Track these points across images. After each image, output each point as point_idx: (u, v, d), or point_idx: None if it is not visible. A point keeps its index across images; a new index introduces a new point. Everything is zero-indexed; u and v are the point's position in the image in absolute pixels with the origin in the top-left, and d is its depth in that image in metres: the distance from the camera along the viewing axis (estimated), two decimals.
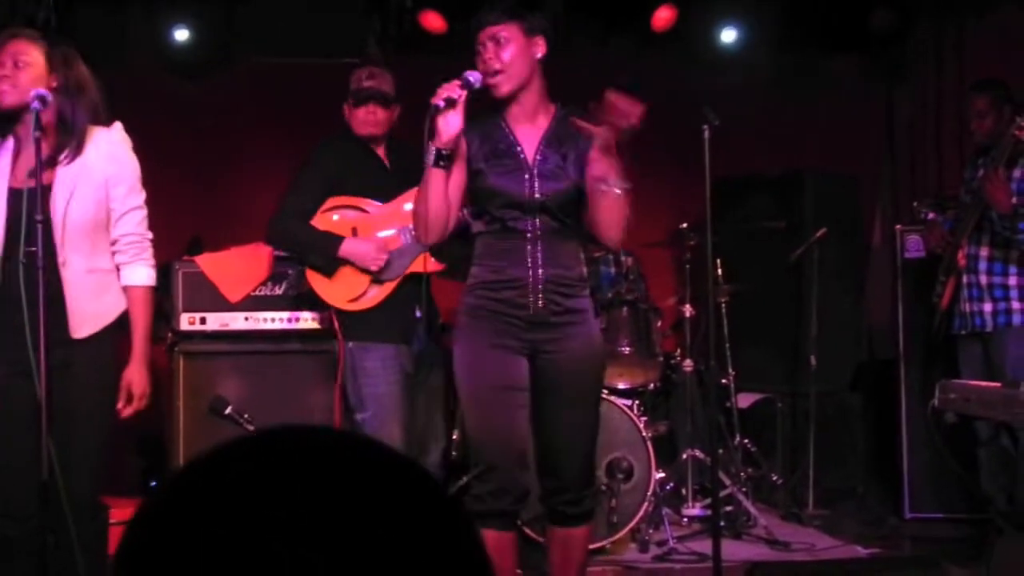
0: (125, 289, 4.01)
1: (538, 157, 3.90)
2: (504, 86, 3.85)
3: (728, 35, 7.74)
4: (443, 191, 3.83)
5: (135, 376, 3.97)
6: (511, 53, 3.83)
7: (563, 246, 3.92)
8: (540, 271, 3.86)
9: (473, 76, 3.80)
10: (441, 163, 3.80)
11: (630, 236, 7.24)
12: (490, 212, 3.92)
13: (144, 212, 4.07)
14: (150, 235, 4.10)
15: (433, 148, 3.78)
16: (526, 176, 3.88)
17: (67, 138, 3.86)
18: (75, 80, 3.89)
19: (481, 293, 3.93)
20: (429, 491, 1.44)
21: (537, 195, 3.86)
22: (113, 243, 4.00)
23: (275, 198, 5.19)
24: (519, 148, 3.92)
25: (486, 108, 3.99)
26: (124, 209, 3.99)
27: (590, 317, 4.00)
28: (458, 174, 3.92)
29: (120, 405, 3.95)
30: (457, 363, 3.98)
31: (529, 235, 3.87)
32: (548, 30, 3.94)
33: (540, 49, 3.90)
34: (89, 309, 3.90)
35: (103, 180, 3.91)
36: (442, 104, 3.71)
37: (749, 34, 7.76)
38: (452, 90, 3.73)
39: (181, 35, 7.25)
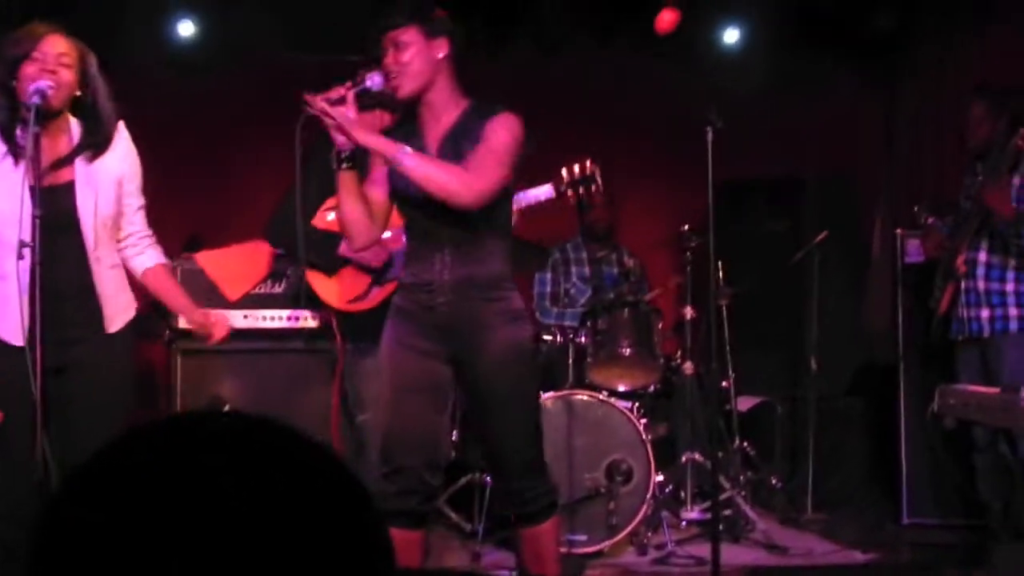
0: (145, 274, 4.08)
1: (437, 154, 3.87)
2: (403, 88, 3.84)
3: (731, 36, 7.75)
4: (355, 194, 3.85)
5: (201, 316, 4.18)
6: (409, 55, 3.82)
7: (474, 245, 3.86)
8: (447, 273, 3.85)
9: (372, 79, 3.82)
10: (344, 165, 3.81)
11: (632, 237, 7.33)
12: (404, 213, 3.96)
13: (144, 211, 4.13)
14: (152, 233, 4.16)
15: (333, 152, 3.80)
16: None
17: (96, 134, 3.87)
18: (98, 81, 3.89)
19: (402, 294, 3.98)
20: (336, 476, 1.44)
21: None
22: (123, 239, 4.03)
23: (275, 195, 5.17)
24: (424, 149, 3.89)
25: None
26: (136, 206, 4.06)
27: (507, 317, 3.91)
28: (380, 177, 3.95)
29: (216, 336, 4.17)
30: (380, 361, 4.01)
31: (436, 236, 3.87)
32: (452, 31, 3.93)
33: (442, 49, 3.87)
34: (119, 303, 3.95)
35: (118, 177, 3.94)
36: (321, 109, 3.73)
37: (751, 37, 7.77)
38: (335, 92, 3.77)
39: (186, 29, 7.24)
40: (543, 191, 4.94)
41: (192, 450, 1.41)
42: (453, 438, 5.80)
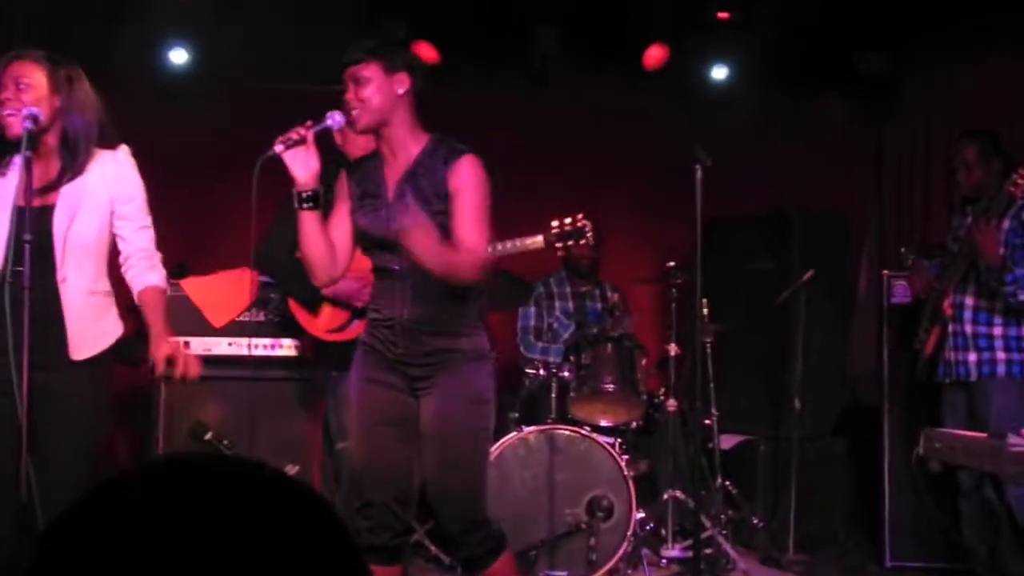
0: (139, 294, 4.00)
1: (396, 192, 3.88)
2: (360, 121, 3.84)
3: (719, 73, 7.78)
4: (318, 233, 3.85)
5: (163, 346, 3.94)
6: (369, 91, 3.82)
7: (435, 284, 3.80)
8: (406, 311, 3.85)
9: (332, 118, 3.83)
10: (305, 205, 3.80)
11: (617, 272, 7.33)
12: (366, 251, 3.98)
13: (152, 232, 4.09)
14: (159, 254, 4.12)
15: (294, 191, 3.79)
16: (382, 213, 3.88)
17: (70, 158, 3.84)
18: (78, 100, 3.88)
19: (368, 330, 3.99)
20: (317, 515, 1.44)
21: (395, 232, 3.79)
22: (125, 259, 4.00)
23: (262, 223, 5.15)
24: (383, 186, 3.91)
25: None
26: (137, 225, 4.01)
27: (465, 357, 3.89)
28: (343, 216, 3.96)
29: (163, 372, 3.94)
30: (348, 395, 4.03)
31: (398, 273, 3.87)
32: (414, 66, 3.95)
33: (402, 85, 3.85)
34: (89, 331, 3.87)
35: (107, 201, 3.91)
36: (279, 150, 3.74)
37: (740, 75, 7.81)
38: (295, 132, 3.78)
39: (178, 57, 7.24)
40: (533, 242, 4.91)
41: (173, 495, 1.39)
42: None
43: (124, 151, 3.99)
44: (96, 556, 1.36)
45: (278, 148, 3.74)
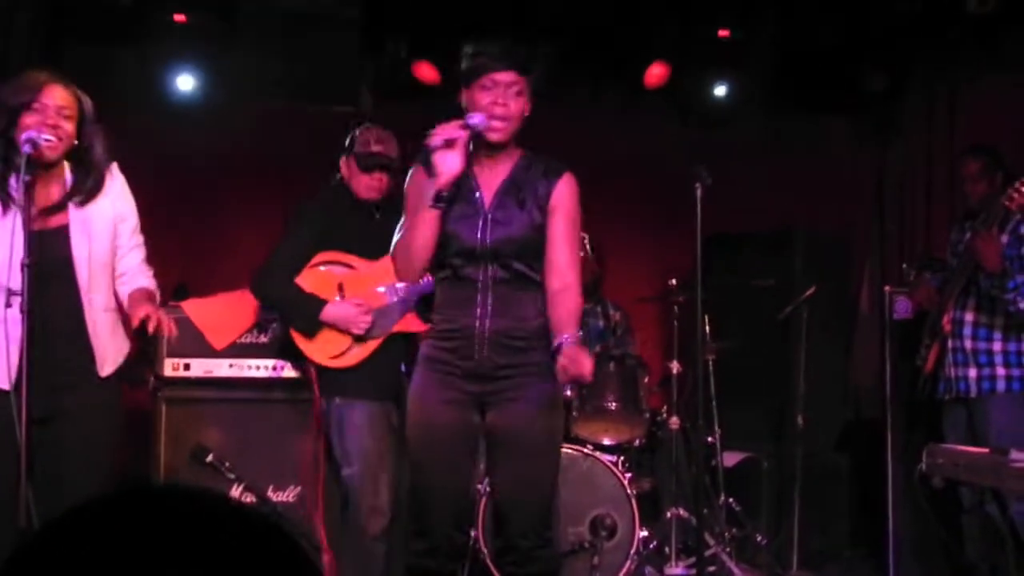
0: (128, 295, 4.01)
1: (494, 202, 3.82)
2: (502, 135, 3.76)
3: (720, 91, 7.78)
4: (434, 232, 3.75)
5: (143, 306, 3.93)
6: (518, 106, 3.76)
7: (517, 297, 3.80)
8: (488, 322, 3.76)
9: (477, 119, 3.71)
10: (440, 204, 3.71)
11: (619, 291, 7.32)
12: (446, 258, 3.84)
13: (144, 250, 4.14)
14: (151, 268, 4.16)
15: (433, 189, 3.70)
16: (480, 222, 3.79)
17: (87, 180, 3.87)
18: (95, 126, 3.91)
19: (433, 343, 3.87)
20: (279, 547, 1.43)
21: (488, 242, 3.77)
22: (119, 276, 4.03)
23: (263, 244, 5.16)
24: (478, 193, 3.84)
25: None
26: (132, 244, 4.06)
27: (544, 372, 3.80)
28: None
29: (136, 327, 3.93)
30: (408, 413, 3.91)
31: (480, 284, 3.78)
32: (537, 92, 3.88)
33: (529, 108, 3.83)
34: (110, 346, 3.93)
35: (112, 218, 3.95)
36: (439, 144, 3.65)
37: (741, 92, 7.80)
38: (452, 131, 3.66)
39: (185, 83, 7.24)
40: None
41: (141, 528, 1.39)
42: None
43: (116, 168, 4.01)
44: None
45: (436, 141, 3.66)
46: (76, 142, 3.83)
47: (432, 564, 3.80)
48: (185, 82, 7.25)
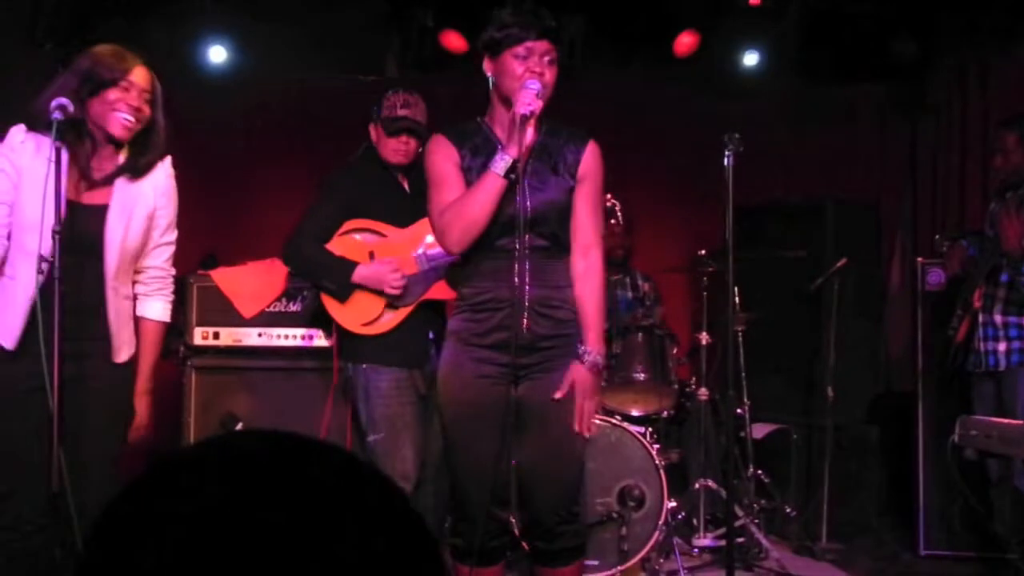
0: (138, 320, 4.00)
1: (528, 168, 3.73)
2: (541, 101, 3.68)
3: (750, 60, 7.72)
4: (497, 203, 3.65)
5: (139, 404, 3.98)
6: (552, 75, 3.71)
7: (552, 265, 3.76)
8: (526, 291, 3.69)
9: (535, 85, 3.64)
10: (512, 175, 3.62)
11: (648, 262, 7.30)
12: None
13: (173, 249, 4.09)
14: (173, 271, 4.12)
15: (508, 158, 3.61)
16: (516, 189, 3.68)
17: (140, 160, 3.87)
18: (160, 113, 3.91)
19: (466, 316, 3.79)
20: (396, 507, 1.41)
21: (528, 209, 3.69)
22: (137, 273, 3.99)
23: (292, 213, 5.15)
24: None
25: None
26: (160, 242, 4.01)
27: (578, 339, 3.78)
28: (462, 188, 3.78)
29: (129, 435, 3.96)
30: (440, 389, 3.85)
31: (516, 253, 3.68)
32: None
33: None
34: (126, 335, 3.91)
35: (152, 210, 3.92)
36: (527, 113, 3.59)
37: (771, 61, 7.75)
38: (535, 101, 3.61)
39: (217, 55, 7.24)
40: None
41: (245, 472, 1.37)
42: None
43: (169, 163, 3.99)
44: (160, 532, 1.34)
45: (526, 110, 3.58)
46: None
47: (475, 542, 3.74)
48: (217, 53, 7.25)
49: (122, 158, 3.86)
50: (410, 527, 1.41)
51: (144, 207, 3.88)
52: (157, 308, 4.05)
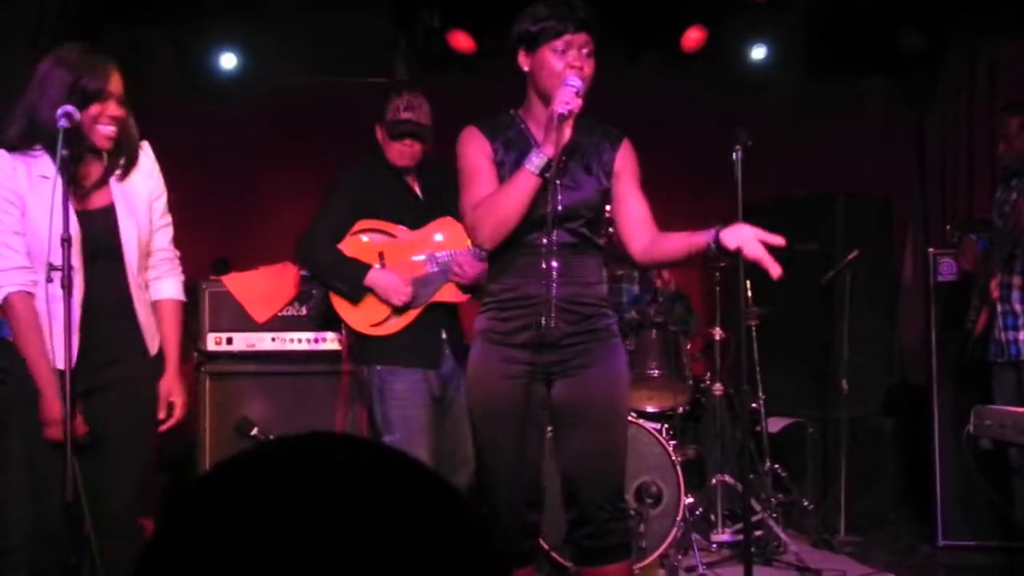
0: (155, 304, 3.98)
1: (561, 168, 3.64)
2: (579, 105, 3.59)
3: (758, 53, 7.71)
4: (531, 199, 3.56)
5: (173, 388, 3.96)
6: (591, 68, 3.66)
7: (582, 262, 3.70)
8: (555, 288, 3.58)
9: (576, 83, 3.57)
10: (547, 174, 3.53)
11: None
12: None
13: (171, 229, 4.06)
14: (178, 252, 4.10)
15: (544, 156, 3.51)
16: (548, 187, 3.59)
17: (121, 155, 3.84)
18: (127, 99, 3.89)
19: (494, 315, 3.72)
20: (460, 513, 1.41)
21: (559, 207, 3.61)
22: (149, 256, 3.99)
23: (302, 217, 5.17)
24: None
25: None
26: (160, 225, 3.99)
27: (612, 339, 3.74)
28: (495, 183, 3.71)
29: (162, 416, 3.93)
30: (469, 390, 3.82)
31: (545, 250, 3.60)
32: None
33: None
34: (151, 326, 3.91)
35: (147, 197, 3.91)
36: (566, 113, 3.48)
37: (779, 55, 7.74)
38: (573, 100, 3.51)
39: (228, 62, 7.24)
40: None
41: (315, 472, 1.37)
42: None
43: (148, 147, 3.96)
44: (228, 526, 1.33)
45: (564, 110, 3.47)
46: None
47: (504, 544, 3.68)
48: (227, 60, 7.25)
49: (106, 158, 3.83)
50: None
51: (144, 199, 3.87)
52: (170, 287, 4.02)
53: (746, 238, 3.61)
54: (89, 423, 3.65)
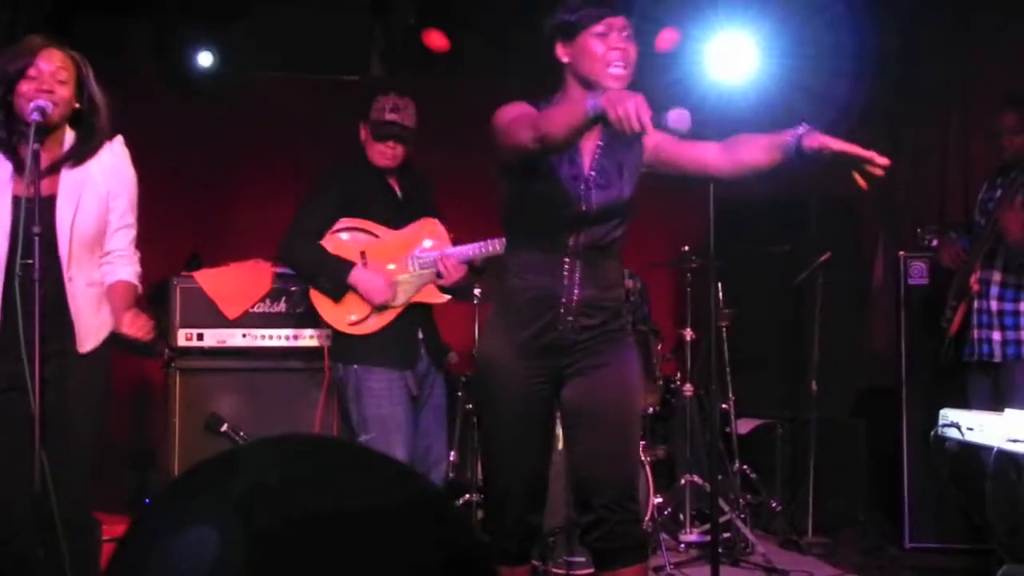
0: (108, 287, 3.90)
1: (594, 165, 3.62)
2: (625, 83, 3.51)
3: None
4: (574, 134, 3.31)
5: (120, 321, 3.84)
6: (635, 52, 3.58)
7: (604, 264, 3.64)
8: (576, 290, 3.57)
9: (620, 69, 3.49)
10: (594, 124, 3.24)
11: (630, 257, 7.29)
12: (535, 219, 3.62)
13: (135, 231, 4.00)
14: (138, 254, 4.02)
15: (600, 105, 3.12)
16: (581, 186, 3.57)
17: (87, 145, 3.80)
18: (95, 93, 3.84)
19: (508, 311, 3.67)
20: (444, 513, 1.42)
21: (592, 206, 3.57)
22: (104, 256, 3.92)
23: (276, 214, 5.16)
24: (578, 155, 3.62)
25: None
26: (120, 224, 3.93)
27: (625, 340, 3.72)
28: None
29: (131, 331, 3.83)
30: (478, 385, 3.80)
31: (570, 249, 3.57)
32: None
33: None
34: (92, 324, 3.84)
35: (105, 192, 3.85)
36: (639, 129, 3.06)
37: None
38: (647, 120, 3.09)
39: (205, 60, 7.20)
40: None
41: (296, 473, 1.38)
42: (452, 458, 5.79)
43: (120, 142, 3.92)
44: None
45: (637, 127, 3.10)
46: (77, 105, 3.77)
47: (506, 545, 3.67)
48: (204, 58, 7.21)
49: (68, 143, 3.81)
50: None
51: (93, 191, 3.81)
52: (125, 272, 3.94)
53: (829, 139, 3.46)
54: (26, 420, 3.58)
